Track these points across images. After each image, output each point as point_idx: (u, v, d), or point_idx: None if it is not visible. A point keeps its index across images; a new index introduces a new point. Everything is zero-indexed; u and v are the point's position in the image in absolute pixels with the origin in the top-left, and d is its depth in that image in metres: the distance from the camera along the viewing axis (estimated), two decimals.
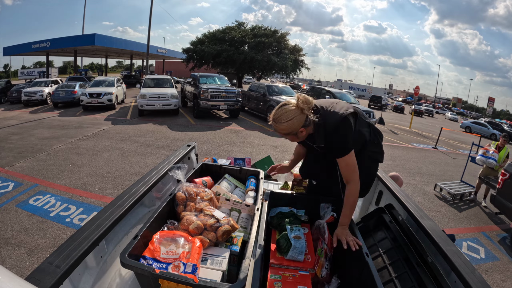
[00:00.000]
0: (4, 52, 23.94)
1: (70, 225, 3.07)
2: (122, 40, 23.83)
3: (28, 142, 6.22)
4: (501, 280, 2.88)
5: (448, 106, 56.41)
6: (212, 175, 1.89)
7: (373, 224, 1.66)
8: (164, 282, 0.96)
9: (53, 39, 20.84)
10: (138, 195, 1.36)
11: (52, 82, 14.25)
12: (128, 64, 40.10)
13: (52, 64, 29.37)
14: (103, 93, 10.86)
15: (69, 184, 4.05)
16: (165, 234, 1.14)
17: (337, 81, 60.47)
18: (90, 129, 7.65)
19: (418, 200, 4.58)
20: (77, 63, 27.75)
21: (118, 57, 38.37)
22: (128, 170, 4.69)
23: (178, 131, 7.75)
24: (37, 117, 9.68)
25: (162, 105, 9.69)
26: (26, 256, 2.53)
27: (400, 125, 15.67)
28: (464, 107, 60.34)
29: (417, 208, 1.50)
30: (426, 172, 6.36)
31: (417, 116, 26.31)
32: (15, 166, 4.71)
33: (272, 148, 6.54)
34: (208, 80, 10.60)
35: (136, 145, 6.16)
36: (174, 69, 36.93)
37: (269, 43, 18.61)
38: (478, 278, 1.00)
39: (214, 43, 18.53)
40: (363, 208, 2.16)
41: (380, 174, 1.98)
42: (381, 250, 1.43)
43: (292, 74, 21.51)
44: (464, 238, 3.63)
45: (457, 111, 45.73)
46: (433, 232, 1.27)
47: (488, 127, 18.25)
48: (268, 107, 9.85)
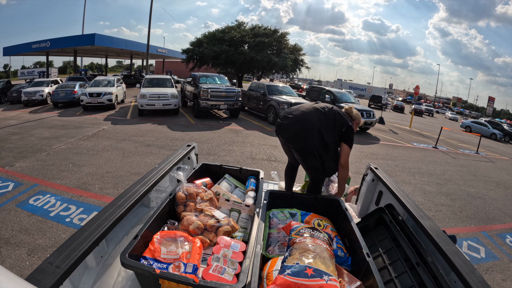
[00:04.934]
0: (4, 52, 23.92)
1: (70, 225, 3.07)
2: (122, 40, 23.80)
3: (28, 142, 6.22)
4: (502, 279, 2.88)
5: (448, 106, 56.41)
6: (212, 175, 1.89)
7: (373, 224, 1.66)
8: (165, 282, 0.96)
9: (53, 39, 20.82)
10: (138, 195, 1.36)
11: (52, 82, 14.24)
12: (128, 64, 40.09)
13: (52, 64, 29.37)
14: (103, 93, 10.86)
15: (69, 184, 4.05)
16: (165, 234, 1.14)
17: (337, 80, 60.41)
18: (90, 129, 7.65)
19: (418, 200, 4.58)
20: (77, 63, 27.75)
21: (118, 57, 38.36)
22: (128, 170, 4.69)
23: (178, 131, 7.75)
24: (37, 117, 9.68)
25: (162, 105, 9.69)
26: (26, 256, 2.53)
27: (400, 125, 15.66)
28: (464, 107, 60.29)
29: (417, 208, 1.50)
30: (426, 172, 6.36)
31: (417, 115, 26.30)
32: (15, 166, 4.71)
33: (272, 148, 6.54)
34: (208, 79, 10.59)
35: (136, 145, 6.16)
36: (174, 69, 36.90)
37: (269, 43, 18.60)
38: (478, 278, 1.00)
39: (213, 44, 18.51)
40: (363, 208, 2.16)
41: (381, 175, 1.98)
42: (381, 250, 1.43)
43: (292, 73, 21.51)
44: (465, 238, 3.63)
45: (457, 111, 45.71)
46: (433, 232, 1.27)
47: (488, 126, 18.23)
48: (268, 107, 9.85)
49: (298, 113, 1.89)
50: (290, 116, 1.91)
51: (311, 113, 1.88)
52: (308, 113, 1.88)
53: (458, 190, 5.45)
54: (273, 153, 6.13)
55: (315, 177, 1.95)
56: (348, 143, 1.87)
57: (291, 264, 1.00)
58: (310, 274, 0.95)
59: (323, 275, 0.95)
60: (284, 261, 1.05)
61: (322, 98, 11.05)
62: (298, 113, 1.90)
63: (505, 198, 5.42)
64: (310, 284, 0.92)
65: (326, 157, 1.84)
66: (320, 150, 1.81)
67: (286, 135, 1.90)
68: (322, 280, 0.93)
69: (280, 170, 5.08)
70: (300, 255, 1.04)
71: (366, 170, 2.18)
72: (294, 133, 1.86)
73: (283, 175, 2.36)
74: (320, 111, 1.89)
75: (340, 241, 1.33)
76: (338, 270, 1.09)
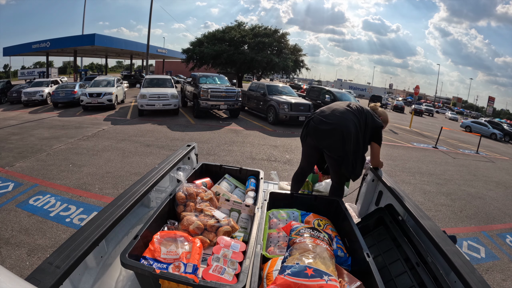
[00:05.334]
0: (4, 52, 23.91)
1: (70, 225, 3.07)
2: (122, 40, 23.79)
3: (28, 142, 6.22)
4: (502, 279, 2.88)
5: (448, 106, 56.41)
6: (212, 175, 1.89)
7: (373, 224, 1.66)
8: (165, 282, 0.96)
9: (53, 39, 20.81)
10: (138, 195, 1.36)
11: (52, 82, 14.25)
12: (128, 64, 40.08)
13: (52, 64, 29.35)
14: (103, 93, 10.85)
15: (69, 184, 4.05)
16: (165, 234, 1.14)
17: (337, 80, 60.46)
18: (90, 129, 7.65)
19: (418, 200, 4.58)
20: (77, 63, 27.74)
21: (118, 57, 38.36)
22: (128, 170, 4.69)
23: (178, 131, 7.75)
24: (37, 117, 9.68)
25: (162, 105, 9.69)
26: (26, 256, 2.53)
27: (400, 125, 15.66)
28: (464, 107, 60.30)
29: (417, 208, 1.50)
30: (426, 172, 6.36)
31: (417, 115, 26.30)
32: (15, 166, 4.72)
33: (272, 148, 6.54)
34: (208, 80, 10.59)
35: (136, 145, 6.16)
36: (174, 69, 36.90)
37: (269, 43, 18.60)
38: (478, 278, 1.00)
39: (213, 44, 18.51)
40: (363, 208, 2.16)
41: (381, 175, 1.98)
42: (381, 250, 1.43)
43: (292, 74, 21.52)
44: (465, 238, 3.63)
45: (457, 111, 45.73)
46: (433, 232, 1.27)
47: (488, 126, 18.24)
48: (268, 107, 9.85)
49: (336, 119, 1.83)
50: (328, 121, 1.84)
51: (348, 119, 1.82)
52: (346, 119, 1.82)
53: (458, 190, 5.44)
54: (273, 153, 6.13)
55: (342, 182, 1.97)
56: (379, 142, 1.94)
57: (291, 264, 1.00)
58: (310, 274, 0.95)
59: (323, 275, 0.95)
60: (284, 261, 1.05)
61: (322, 98, 11.05)
62: (336, 118, 1.83)
63: (505, 198, 5.42)
64: (310, 284, 0.92)
65: (358, 162, 1.86)
66: (355, 156, 1.83)
67: (324, 142, 1.85)
68: (322, 280, 0.93)
69: (280, 170, 5.08)
70: (300, 255, 1.04)
71: (366, 170, 2.18)
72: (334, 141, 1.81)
73: (283, 175, 2.36)
74: (355, 115, 1.86)
75: (340, 241, 1.33)
76: (338, 270, 1.09)
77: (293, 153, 6.23)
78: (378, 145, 1.94)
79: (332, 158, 1.86)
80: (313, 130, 1.89)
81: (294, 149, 6.60)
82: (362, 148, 1.86)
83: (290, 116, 9.28)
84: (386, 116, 2.12)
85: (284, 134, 8.32)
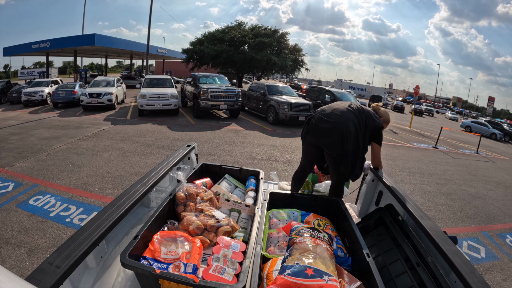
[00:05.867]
0: (4, 52, 23.90)
1: (70, 225, 3.07)
2: (122, 40, 23.78)
3: (28, 142, 6.22)
4: (502, 279, 2.88)
5: (448, 106, 56.41)
6: (212, 175, 1.89)
7: (373, 224, 1.66)
8: (165, 282, 0.96)
9: (53, 39, 20.81)
10: (138, 195, 1.36)
11: (52, 82, 14.25)
12: (128, 64, 40.08)
13: (52, 64, 29.38)
14: (103, 93, 10.85)
15: (69, 184, 4.05)
16: (165, 234, 1.14)
17: (337, 80, 60.44)
18: (90, 129, 7.65)
19: (418, 200, 4.58)
20: (77, 63, 27.73)
21: (118, 57, 38.34)
22: (128, 170, 4.69)
23: (178, 131, 7.75)
24: (37, 117, 9.68)
25: (162, 105, 9.70)
26: (26, 256, 2.53)
27: (400, 125, 15.66)
28: (464, 107, 60.27)
29: (417, 208, 1.50)
30: (426, 172, 6.36)
31: (417, 115, 26.29)
32: (15, 166, 4.72)
33: (272, 148, 6.54)
34: (208, 80, 10.59)
35: (136, 145, 6.16)
36: (174, 69, 36.89)
37: (269, 43, 18.60)
38: (478, 278, 1.00)
39: (213, 44, 18.51)
40: (363, 208, 2.16)
41: (381, 174, 1.98)
42: (381, 250, 1.43)
43: (292, 74, 21.51)
44: (465, 238, 3.63)
45: (457, 111, 45.73)
46: (433, 232, 1.27)
47: (488, 126, 18.24)
48: (268, 107, 9.85)
49: (336, 118, 1.84)
50: (328, 120, 1.85)
51: (348, 119, 1.83)
52: (346, 119, 1.83)
53: (458, 190, 5.44)
54: (273, 153, 6.13)
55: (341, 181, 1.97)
56: (379, 142, 1.96)
57: (291, 264, 1.00)
58: (310, 274, 0.95)
59: (323, 275, 0.95)
60: (284, 261, 1.05)
61: (322, 98, 11.05)
62: (336, 117, 1.84)
63: (505, 198, 5.42)
64: (310, 284, 0.92)
65: (358, 163, 1.87)
66: (354, 155, 1.84)
67: (324, 140, 1.86)
68: (322, 280, 0.93)
69: (280, 170, 5.08)
70: (300, 255, 1.04)
71: (366, 170, 2.18)
72: (333, 139, 1.82)
73: (283, 175, 2.36)
74: (356, 114, 1.87)
75: (340, 241, 1.33)
76: (338, 270, 1.09)
77: (293, 153, 6.23)
78: (379, 145, 1.95)
79: (331, 156, 1.87)
80: (313, 128, 1.91)
81: (294, 149, 6.60)
82: (362, 148, 1.86)
83: (290, 116, 9.28)
84: (388, 116, 2.12)
85: (284, 134, 8.33)
